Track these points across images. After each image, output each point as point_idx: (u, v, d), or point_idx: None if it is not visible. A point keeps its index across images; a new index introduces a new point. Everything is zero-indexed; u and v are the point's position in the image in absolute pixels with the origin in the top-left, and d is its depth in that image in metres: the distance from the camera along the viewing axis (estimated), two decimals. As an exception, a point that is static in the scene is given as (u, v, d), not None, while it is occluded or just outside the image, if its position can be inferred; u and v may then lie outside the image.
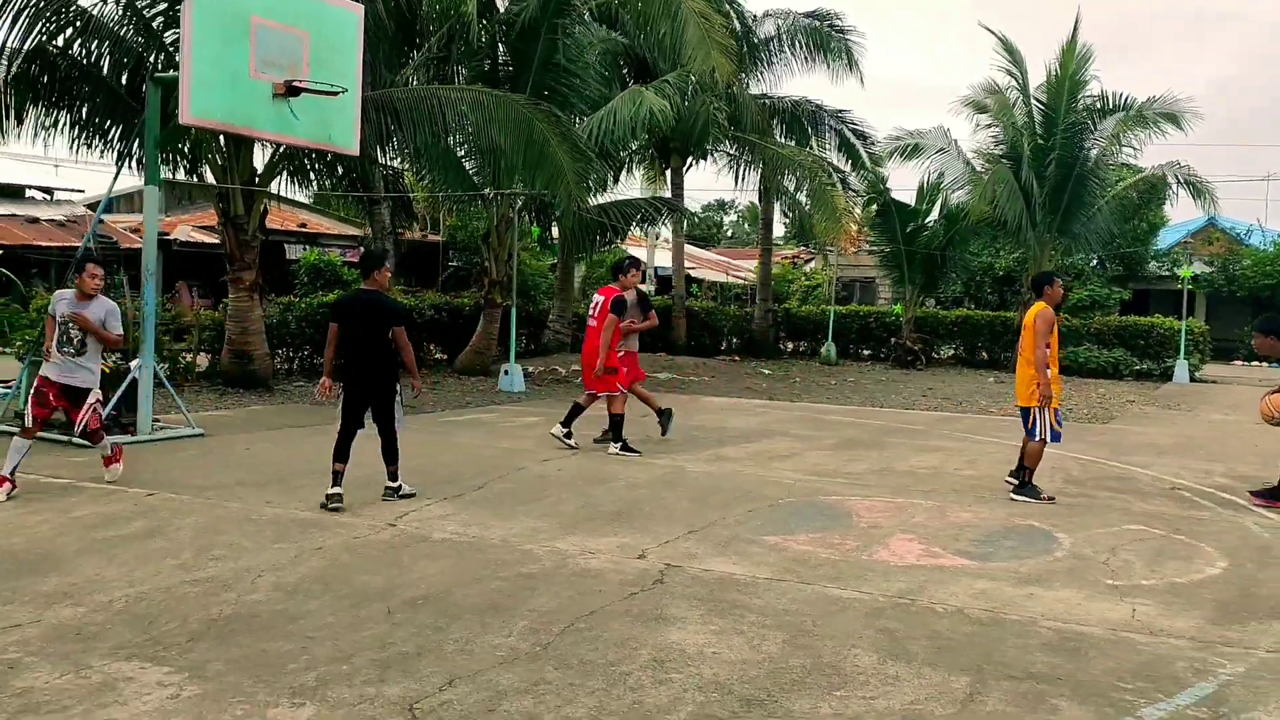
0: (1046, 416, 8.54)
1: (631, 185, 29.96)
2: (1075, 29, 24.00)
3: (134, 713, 3.83)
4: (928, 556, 6.48)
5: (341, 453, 7.45)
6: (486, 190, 17.48)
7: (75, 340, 7.70)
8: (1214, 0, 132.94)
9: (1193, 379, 23.71)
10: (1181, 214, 39.41)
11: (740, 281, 41.57)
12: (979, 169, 25.27)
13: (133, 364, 10.47)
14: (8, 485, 7.35)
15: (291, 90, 9.34)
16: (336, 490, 7.29)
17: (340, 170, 15.94)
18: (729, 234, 76.58)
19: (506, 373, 16.61)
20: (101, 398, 8.16)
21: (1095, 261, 32.99)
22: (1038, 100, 24.64)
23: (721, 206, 76.78)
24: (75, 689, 4.03)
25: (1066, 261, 29.72)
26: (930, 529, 7.24)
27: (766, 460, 10.17)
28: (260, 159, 14.66)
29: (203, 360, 15.56)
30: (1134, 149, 24.69)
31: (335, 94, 9.59)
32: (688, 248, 50.38)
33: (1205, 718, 4.03)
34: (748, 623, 5.05)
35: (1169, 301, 31.07)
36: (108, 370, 10.28)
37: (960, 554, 6.56)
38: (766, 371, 22.38)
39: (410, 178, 19.76)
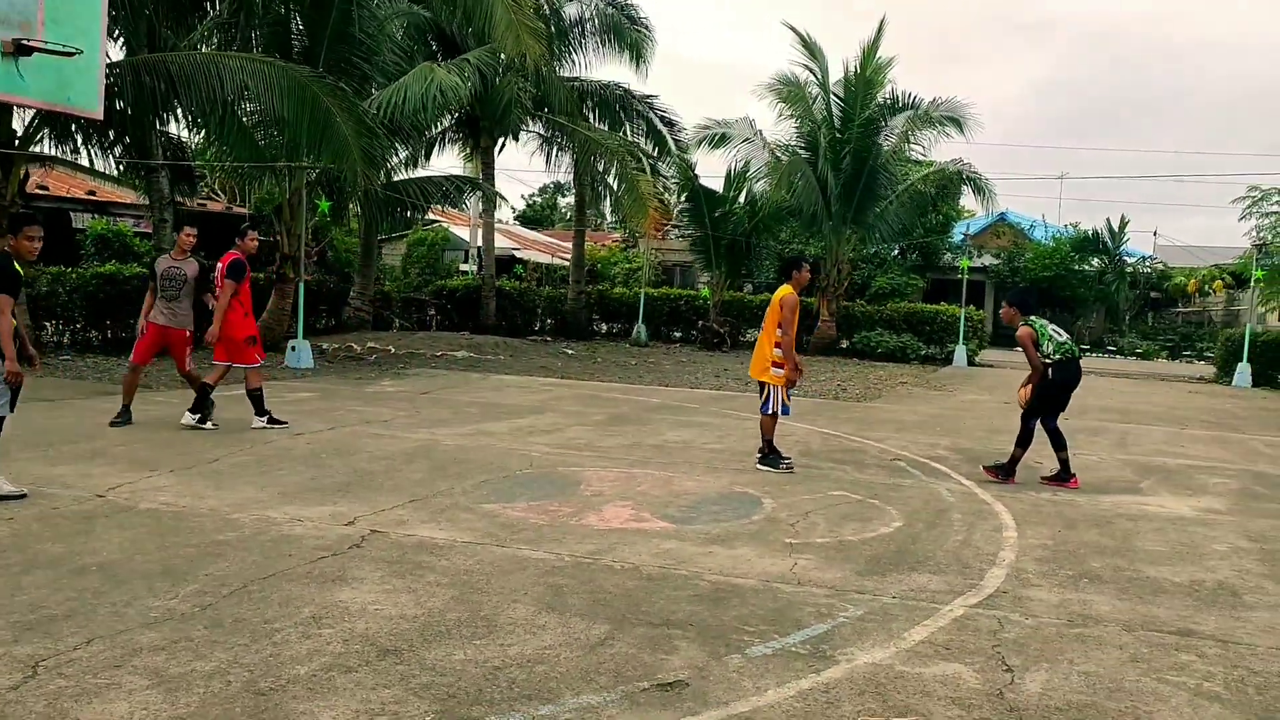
0: (779, 392, 9.03)
1: (453, 165, 29.76)
2: (879, 32, 25.17)
3: None
4: (633, 521, 6.83)
5: None
6: (275, 163, 17.04)
7: None
8: (1034, 7, 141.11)
9: (971, 363, 25.38)
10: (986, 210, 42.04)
11: (565, 263, 41.83)
12: (782, 159, 26.25)
13: None
14: None
15: (21, 49, 8.91)
16: None
17: (112, 136, 15.24)
18: (565, 216, 76.78)
19: (294, 349, 16.32)
20: None
21: (896, 251, 34.81)
22: (836, 96, 25.75)
23: (558, 189, 76.88)
24: None
25: (868, 251, 31.28)
26: (649, 497, 7.61)
27: (525, 435, 10.40)
28: (19, 121, 13.88)
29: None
30: (922, 147, 26.15)
31: (70, 55, 9.21)
32: (515, 229, 50.39)
33: (805, 653, 4.46)
34: (424, 582, 5.24)
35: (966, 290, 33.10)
36: None
37: (666, 519, 6.94)
38: (570, 352, 22.67)
39: (193, 147, 19.04)
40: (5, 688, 3.74)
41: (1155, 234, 66.68)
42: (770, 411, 9.04)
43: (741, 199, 27.23)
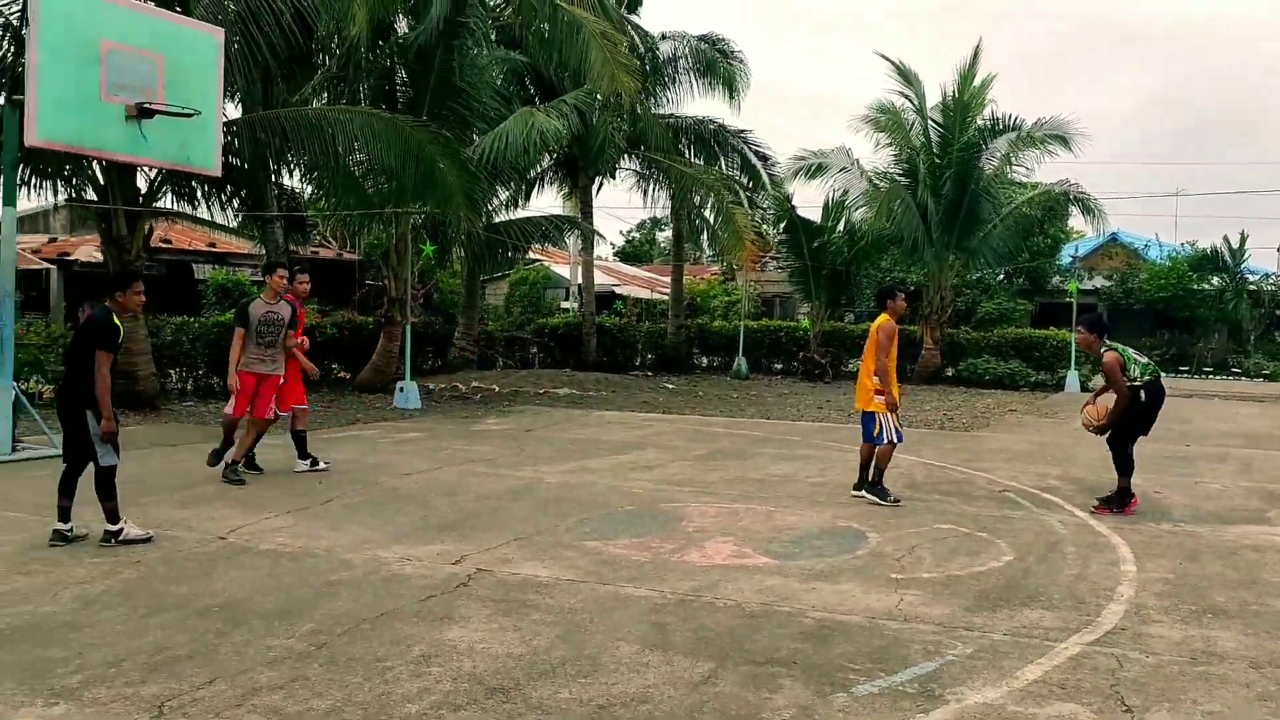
0: (889, 419, 8.93)
1: (553, 204, 30.33)
2: (975, 56, 24.83)
3: (-116, 715, 3.98)
4: (736, 557, 6.80)
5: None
6: (382, 210, 17.62)
7: None
8: (1144, 21, 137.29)
9: (1084, 388, 24.53)
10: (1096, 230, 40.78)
11: (665, 298, 42.06)
12: (881, 187, 25.99)
13: (-8, 385, 10.44)
14: None
15: (144, 112, 9.46)
16: (58, 525, 6.82)
17: (230, 189, 15.99)
18: (664, 250, 77.30)
19: (401, 390, 16.75)
20: None
21: (1001, 276, 34.00)
22: (934, 121, 25.44)
23: (656, 224, 77.49)
24: None
25: (972, 276, 30.65)
26: (751, 532, 7.57)
27: (627, 471, 10.46)
28: (144, 179, 14.68)
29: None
30: (1025, 169, 25.60)
31: (189, 115, 9.74)
32: (614, 265, 50.90)
33: (913, 692, 4.37)
34: (530, 620, 5.31)
35: (1077, 314, 32.15)
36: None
37: (768, 554, 6.89)
38: (670, 386, 22.73)
39: (305, 197, 19.84)
40: (136, 724, 3.92)
41: (1280, 249, 63.66)
42: (886, 440, 8.94)
43: (840, 228, 27.03)
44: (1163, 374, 9.03)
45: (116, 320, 6.80)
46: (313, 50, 17.66)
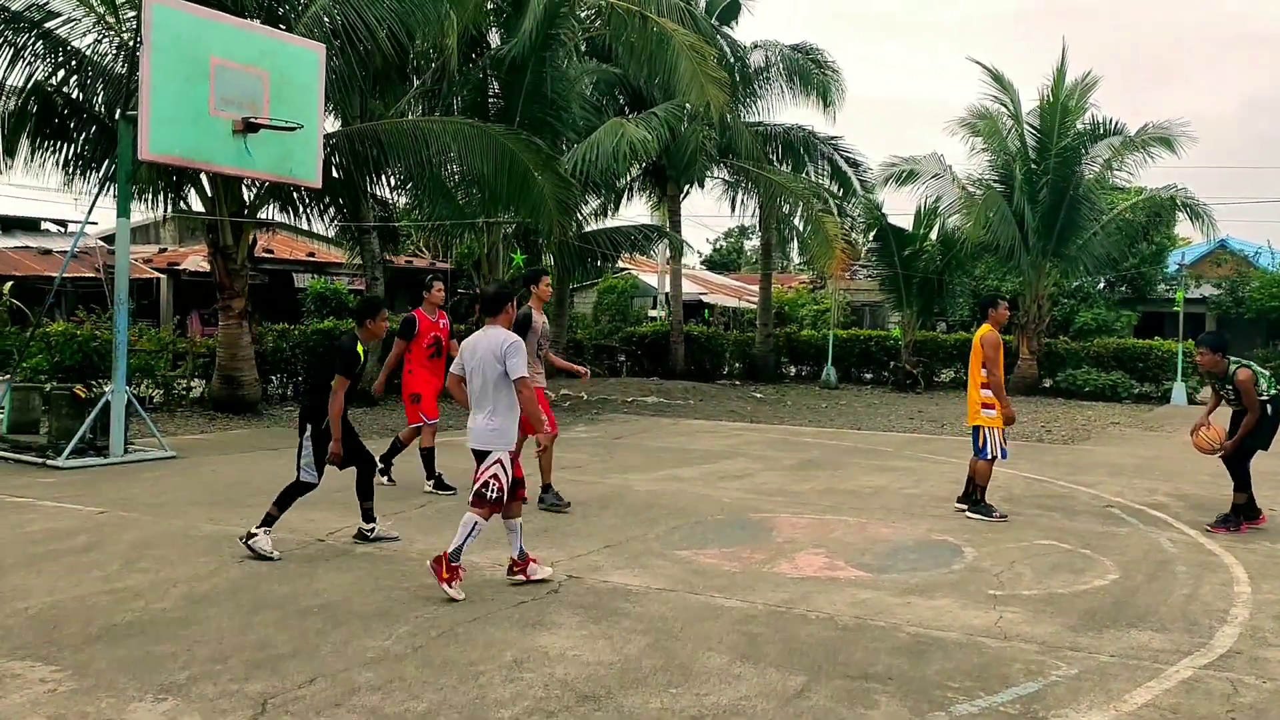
0: (996, 435, 8.70)
1: (641, 213, 30.42)
2: (1063, 57, 24.27)
3: (8, 705, 4.15)
4: (827, 569, 6.71)
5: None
6: (474, 219, 17.91)
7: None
8: (1248, 22, 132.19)
9: (1191, 401, 23.63)
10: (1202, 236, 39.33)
11: (753, 306, 41.87)
12: (974, 194, 25.46)
13: (106, 389, 10.88)
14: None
15: (250, 126, 9.79)
16: (361, 525, 7.26)
17: (327, 200, 16.41)
18: (752, 259, 77.01)
19: (491, 397, 16.95)
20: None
21: (1102, 284, 32.97)
22: (1030, 126, 24.84)
23: (744, 232, 77.19)
24: (-38, 683, 4.36)
25: (1070, 285, 29.79)
26: (843, 544, 7.46)
27: (716, 480, 10.41)
28: (249, 191, 15.16)
29: (198, 386, 16.05)
30: (1128, 173, 24.83)
31: (292, 129, 10.04)
32: (702, 273, 50.86)
33: (1015, 714, 4.25)
34: (620, 628, 5.31)
35: (1184, 324, 31.03)
36: (82, 395, 10.75)
37: (860, 567, 6.78)
38: (758, 395, 22.57)
39: (397, 207, 20.27)
40: (240, 720, 4.03)
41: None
42: (989, 456, 8.69)
43: (933, 235, 26.55)
44: None
45: (360, 349, 6.88)
46: (408, 63, 18.06)
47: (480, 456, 6.09)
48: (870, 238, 27.19)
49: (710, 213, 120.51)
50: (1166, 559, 7.19)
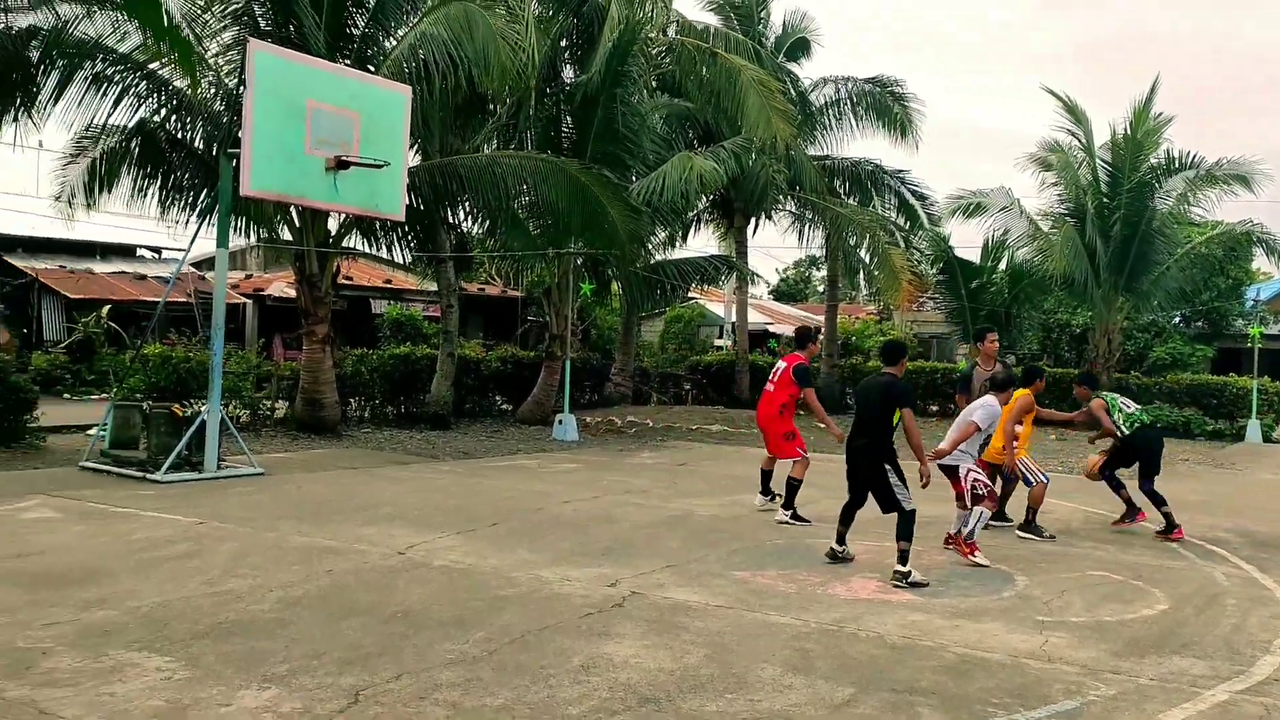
0: (1030, 464, 9.51)
1: (709, 244, 30.82)
2: (1151, 93, 23.97)
3: (130, 689, 4.65)
4: (880, 592, 6.98)
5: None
6: (546, 249, 18.48)
7: None
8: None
9: (1267, 439, 23.21)
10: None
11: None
12: (1044, 227, 25.39)
13: (202, 408, 11.57)
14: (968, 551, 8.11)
15: (341, 164, 10.44)
16: (832, 547, 8.06)
17: (405, 229, 17.12)
18: (819, 289, 76.98)
19: (560, 422, 17.44)
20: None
21: (1177, 319, 32.49)
22: (1103, 160, 24.74)
23: (813, 262, 77.19)
24: (90, 670, 4.88)
25: (1143, 319, 29.45)
26: (898, 569, 7.70)
27: (777, 507, 10.68)
28: (334, 222, 15.92)
29: (281, 407, 16.80)
30: (1203, 209, 24.61)
31: (379, 167, 10.67)
32: (768, 303, 51.07)
33: (1051, 729, 4.51)
34: (680, 640, 5.67)
35: (1260, 360, 30.42)
36: (180, 414, 11.44)
37: (913, 591, 7.04)
38: (822, 426, 22.68)
39: (471, 236, 20.96)
40: (334, 712, 4.47)
41: None
42: (1037, 481, 9.46)
43: (1001, 268, 26.53)
44: None
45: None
46: (484, 99, 18.77)
47: (950, 472, 8.54)
48: (937, 270, 27.26)
49: (777, 243, 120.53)
50: (1218, 592, 7.31)
